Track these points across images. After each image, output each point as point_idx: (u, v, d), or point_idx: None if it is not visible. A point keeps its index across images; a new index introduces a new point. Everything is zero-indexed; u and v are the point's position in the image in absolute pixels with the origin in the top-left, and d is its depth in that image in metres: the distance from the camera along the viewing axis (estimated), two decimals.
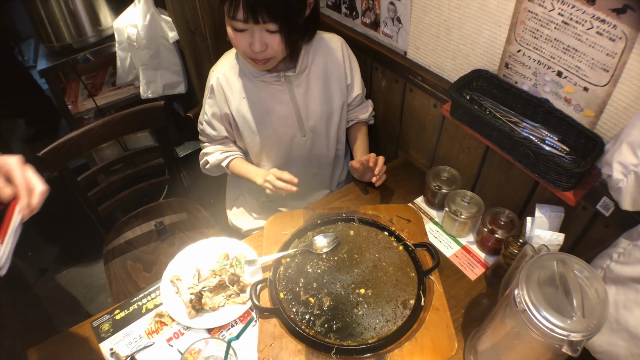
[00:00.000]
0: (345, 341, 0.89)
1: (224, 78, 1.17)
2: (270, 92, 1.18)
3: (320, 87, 1.22)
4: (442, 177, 1.18)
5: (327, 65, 1.22)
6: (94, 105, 2.11)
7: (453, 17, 1.04)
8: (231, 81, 1.17)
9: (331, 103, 1.25)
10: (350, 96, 1.30)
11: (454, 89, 1.00)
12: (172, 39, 1.87)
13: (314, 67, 1.20)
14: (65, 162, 1.31)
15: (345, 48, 1.25)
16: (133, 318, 0.98)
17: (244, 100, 1.17)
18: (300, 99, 1.20)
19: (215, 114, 1.22)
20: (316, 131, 1.27)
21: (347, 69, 1.25)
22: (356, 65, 1.29)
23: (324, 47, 1.21)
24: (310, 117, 1.24)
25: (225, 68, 1.18)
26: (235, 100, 1.18)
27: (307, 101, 1.21)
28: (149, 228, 1.54)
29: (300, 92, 1.19)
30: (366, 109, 1.37)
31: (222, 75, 1.17)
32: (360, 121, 1.37)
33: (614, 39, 0.75)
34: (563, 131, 0.91)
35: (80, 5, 1.83)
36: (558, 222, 0.94)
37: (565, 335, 0.62)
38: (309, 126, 1.25)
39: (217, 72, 1.18)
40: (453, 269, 1.06)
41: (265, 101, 1.18)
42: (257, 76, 1.15)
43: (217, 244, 1.11)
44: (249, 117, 1.19)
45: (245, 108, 1.18)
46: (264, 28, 0.97)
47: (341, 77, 1.24)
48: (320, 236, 1.08)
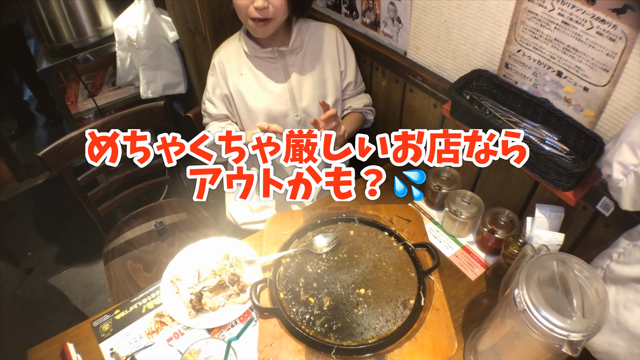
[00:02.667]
0: (345, 341, 0.89)
1: (225, 56, 1.25)
2: (265, 69, 1.24)
3: (314, 69, 1.27)
4: (442, 177, 1.18)
5: (321, 50, 1.27)
6: (94, 105, 2.11)
7: (453, 17, 1.04)
8: (231, 58, 1.24)
9: (324, 86, 1.29)
10: (344, 82, 1.33)
11: (454, 89, 1.00)
12: (172, 39, 1.87)
13: (308, 49, 1.26)
14: (65, 162, 1.31)
15: (340, 36, 1.30)
16: (133, 318, 0.98)
17: (241, 76, 1.24)
18: (294, 78, 1.25)
19: (216, 91, 1.28)
20: (309, 112, 1.30)
21: (341, 55, 1.30)
22: (351, 54, 1.32)
23: (319, 33, 1.27)
24: (304, 97, 1.27)
25: (227, 47, 1.27)
26: (234, 76, 1.24)
27: (301, 81, 1.26)
28: (149, 228, 1.55)
29: (294, 71, 1.25)
30: (361, 100, 1.38)
31: (224, 53, 1.26)
32: (354, 110, 1.38)
33: (614, 39, 0.75)
34: (563, 131, 0.91)
35: (80, 5, 1.83)
36: (558, 222, 0.93)
37: (565, 335, 0.62)
38: (301, 106, 1.28)
39: (220, 51, 1.27)
40: (453, 269, 1.06)
41: (260, 78, 1.25)
42: (253, 52, 1.21)
43: (217, 244, 1.11)
44: (245, 93, 1.25)
45: (241, 84, 1.24)
46: None
47: (335, 63, 1.29)
48: (320, 236, 1.08)
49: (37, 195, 2.55)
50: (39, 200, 2.52)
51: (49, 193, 2.56)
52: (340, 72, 1.31)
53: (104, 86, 2.27)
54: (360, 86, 1.38)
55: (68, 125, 2.15)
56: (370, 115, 1.41)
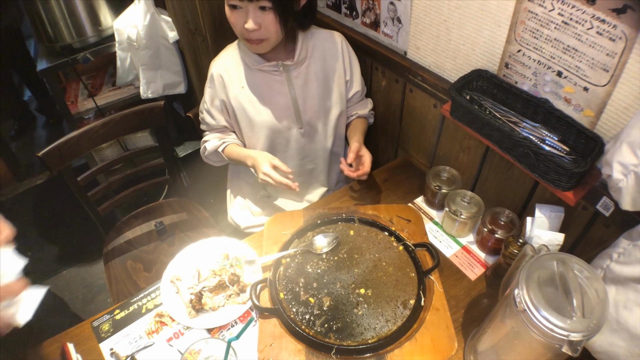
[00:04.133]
0: (345, 341, 0.89)
1: (223, 67, 1.20)
2: (269, 82, 1.20)
3: (319, 80, 1.23)
4: (442, 177, 1.18)
5: (326, 60, 1.23)
6: (94, 105, 2.11)
7: (453, 17, 1.04)
8: (230, 70, 1.20)
9: (329, 97, 1.26)
10: (349, 92, 1.31)
11: (454, 89, 1.00)
12: (172, 39, 1.88)
13: (313, 60, 1.21)
14: (65, 162, 1.31)
15: (345, 44, 1.26)
16: (133, 318, 0.98)
17: (243, 89, 1.20)
18: (299, 90, 1.22)
19: (214, 103, 1.24)
20: (313, 125, 1.28)
21: (347, 64, 1.26)
22: (356, 63, 1.30)
23: (324, 43, 1.23)
24: (308, 110, 1.25)
25: (225, 58, 1.21)
26: (234, 88, 1.20)
27: (305, 93, 1.23)
28: (149, 228, 1.55)
29: (298, 84, 1.21)
30: (365, 105, 1.37)
31: (221, 64, 1.20)
32: (360, 117, 1.37)
33: (614, 39, 0.75)
34: (563, 131, 0.91)
35: (80, 5, 1.83)
36: (558, 222, 0.93)
37: (565, 335, 0.62)
38: (306, 119, 1.26)
39: (217, 62, 1.22)
40: (453, 269, 1.06)
41: (263, 91, 1.21)
42: (256, 65, 1.17)
43: (217, 244, 1.11)
44: (247, 106, 1.21)
45: (243, 97, 1.20)
46: (258, 5, 1.00)
47: (340, 72, 1.25)
48: (320, 236, 1.08)
49: (37, 195, 2.55)
50: (39, 200, 2.52)
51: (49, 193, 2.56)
52: (346, 81, 1.28)
53: (104, 86, 2.27)
54: (364, 92, 1.36)
55: (68, 125, 2.15)
56: (372, 118, 1.41)
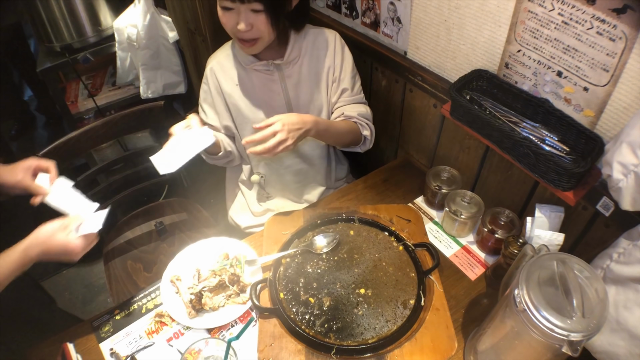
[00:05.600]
0: (345, 341, 0.89)
1: (218, 65, 1.21)
2: (262, 81, 1.21)
3: (312, 80, 1.23)
4: (442, 177, 1.18)
5: (319, 59, 1.22)
6: (94, 105, 2.11)
7: (453, 17, 1.04)
8: (225, 68, 1.20)
9: (321, 96, 1.25)
10: (338, 89, 1.25)
11: (454, 89, 1.00)
12: (172, 39, 1.88)
13: (306, 59, 1.21)
14: (65, 162, 1.31)
15: (339, 41, 1.23)
16: (133, 318, 0.98)
17: (237, 87, 1.21)
18: (292, 90, 1.22)
19: (207, 100, 1.25)
20: None
21: (338, 60, 1.23)
22: (349, 59, 1.24)
23: (318, 41, 1.22)
24: (301, 109, 1.25)
25: (220, 56, 1.22)
26: (228, 86, 1.21)
27: (298, 93, 1.23)
28: (149, 228, 1.54)
29: (291, 83, 1.21)
30: (356, 108, 1.24)
31: (216, 62, 1.21)
32: (347, 118, 1.23)
33: (614, 39, 0.75)
34: (563, 131, 0.91)
35: (80, 5, 1.83)
36: (558, 222, 0.93)
37: (565, 335, 0.62)
38: None
39: (212, 60, 1.22)
40: (453, 269, 1.06)
41: (257, 90, 1.21)
42: (249, 64, 1.18)
43: (217, 244, 1.11)
44: (241, 105, 1.22)
45: (237, 95, 1.21)
46: (249, 7, 1.00)
47: (330, 69, 1.24)
48: (320, 236, 1.08)
49: None
50: None
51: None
52: (334, 77, 1.23)
53: (104, 86, 2.27)
54: (358, 95, 1.27)
55: (68, 125, 2.15)
56: (365, 130, 1.24)
